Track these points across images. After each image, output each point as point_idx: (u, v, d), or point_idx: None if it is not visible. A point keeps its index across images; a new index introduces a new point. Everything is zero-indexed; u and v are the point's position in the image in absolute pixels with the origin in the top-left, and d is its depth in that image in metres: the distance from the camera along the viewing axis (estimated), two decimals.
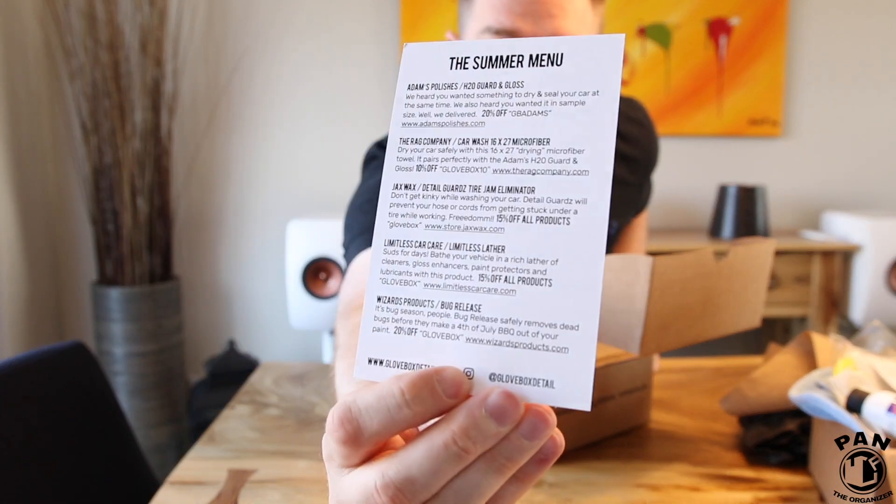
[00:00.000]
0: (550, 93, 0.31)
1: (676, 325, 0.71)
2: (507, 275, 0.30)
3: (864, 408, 0.63)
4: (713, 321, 0.75)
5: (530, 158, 0.31)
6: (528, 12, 0.75)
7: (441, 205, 0.32)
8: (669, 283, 0.68)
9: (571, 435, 0.79)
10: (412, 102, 0.33)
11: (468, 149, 0.32)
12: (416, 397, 0.27)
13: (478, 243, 0.31)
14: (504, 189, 0.31)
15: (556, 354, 0.29)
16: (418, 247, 0.32)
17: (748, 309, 0.79)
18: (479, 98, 0.32)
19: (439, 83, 0.33)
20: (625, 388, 0.83)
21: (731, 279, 0.75)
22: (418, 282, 0.31)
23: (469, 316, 0.30)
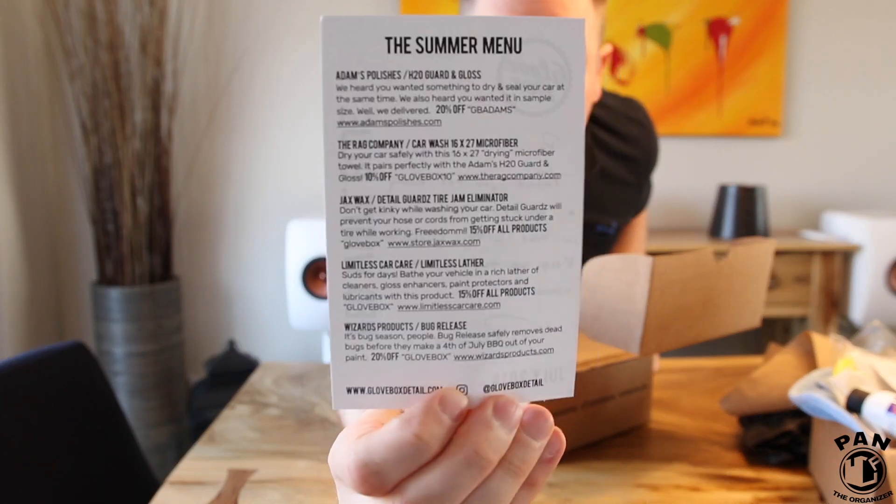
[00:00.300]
0: (512, 86, 0.28)
1: (676, 325, 0.71)
2: (489, 288, 0.29)
3: (864, 408, 0.63)
4: (713, 321, 0.75)
5: (499, 162, 0.28)
6: (530, 11, 0.74)
7: (403, 218, 0.28)
8: (669, 283, 0.68)
9: (571, 435, 0.79)
10: (346, 96, 0.29)
11: (426, 152, 0.28)
12: (429, 434, 0.27)
13: (453, 258, 0.29)
14: (474, 197, 0.28)
15: (543, 356, 0.30)
16: (384, 267, 0.28)
17: (748, 309, 0.79)
18: (430, 90, 0.28)
19: (377, 71, 0.28)
20: (625, 388, 0.83)
21: (731, 279, 0.75)
22: (391, 305, 0.29)
23: (454, 334, 0.29)
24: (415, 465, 0.28)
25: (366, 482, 0.28)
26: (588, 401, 0.79)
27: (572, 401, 0.77)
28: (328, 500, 0.68)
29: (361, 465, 0.28)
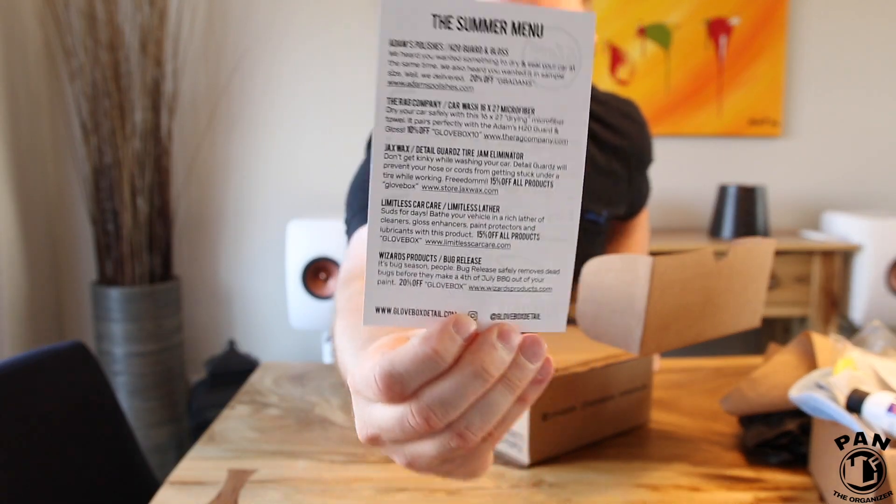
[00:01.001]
0: (532, 63, 0.33)
1: (676, 325, 0.71)
2: (503, 231, 0.34)
3: (864, 408, 0.63)
4: (713, 321, 0.75)
5: (518, 126, 0.34)
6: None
7: (436, 167, 0.34)
8: (669, 284, 0.68)
9: (572, 435, 0.79)
10: (396, 60, 0.33)
11: (459, 113, 0.33)
12: (444, 349, 0.33)
13: (475, 204, 0.34)
14: (496, 154, 0.34)
15: (542, 294, 0.35)
16: (417, 206, 0.34)
17: (748, 309, 0.79)
18: (466, 62, 0.33)
19: (423, 41, 0.32)
20: (625, 388, 0.83)
21: (731, 279, 0.75)
22: (419, 239, 0.34)
23: (470, 268, 0.35)
24: (430, 375, 0.33)
25: (389, 389, 0.33)
26: (588, 401, 0.79)
27: (572, 400, 0.77)
28: (328, 499, 0.68)
29: (387, 375, 0.33)
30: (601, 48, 2.31)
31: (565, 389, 0.77)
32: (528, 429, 0.74)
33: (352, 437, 0.84)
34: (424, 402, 0.33)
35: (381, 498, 0.69)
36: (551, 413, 0.76)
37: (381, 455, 0.78)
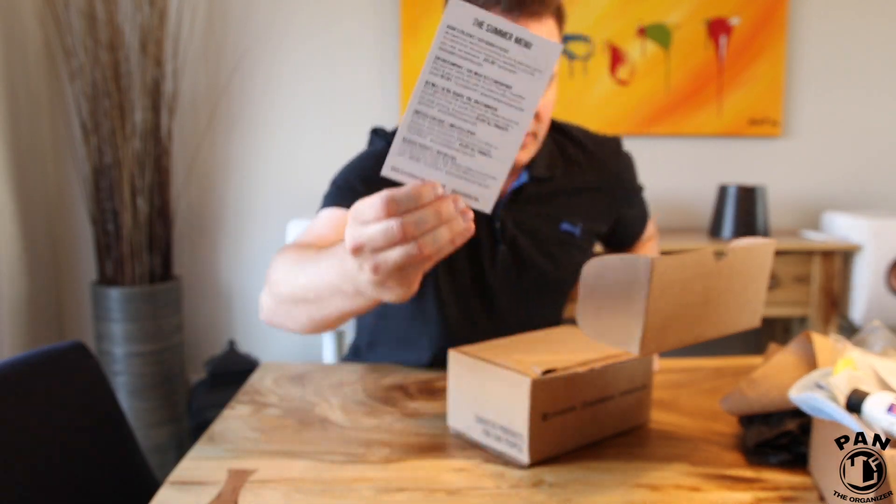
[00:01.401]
0: (519, 61, 0.56)
1: (676, 326, 0.71)
2: (472, 147, 0.58)
3: (864, 408, 0.63)
4: (713, 321, 0.75)
5: (499, 93, 0.57)
6: None
7: (448, 101, 0.56)
8: (669, 284, 0.68)
9: (572, 435, 0.79)
10: (447, 38, 0.54)
11: (470, 76, 0.56)
12: (425, 194, 0.55)
13: (462, 128, 0.57)
14: (482, 105, 0.57)
15: (483, 188, 0.59)
16: (431, 119, 0.57)
17: (748, 309, 0.79)
18: (483, 50, 0.55)
19: (465, 31, 0.54)
20: (625, 388, 0.83)
21: (731, 279, 0.75)
22: (426, 137, 0.57)
23: (449, 162, 0.58)
24: (413, 206, 0.54)
25: (387, 206, 0.54)
26: (588, 401, 0.79)
27: (572, 400, 0.77)
28: (328, 499, 0.68)
29: (389, 198, 0.54)
30: (601, 48, 2.31)
31: (565, 389, 0.77)
32: (528, 429, 0.74)
33: (352, 437, 0.84)
34: (406, 220, 0.54)
35: (381, 498, 0.69)
36: (551, 413, 0.76)
37: (381, 455, 0.78)
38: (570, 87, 2.33)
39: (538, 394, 0.74)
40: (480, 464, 0.76)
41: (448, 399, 0.84)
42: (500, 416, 0.77)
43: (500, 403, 0.77)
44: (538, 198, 1.09)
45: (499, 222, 1.07)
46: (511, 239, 1.08)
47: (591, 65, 2.32)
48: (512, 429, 0.76)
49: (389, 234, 0.54)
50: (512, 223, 1.08)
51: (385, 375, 1.07)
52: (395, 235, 0.54)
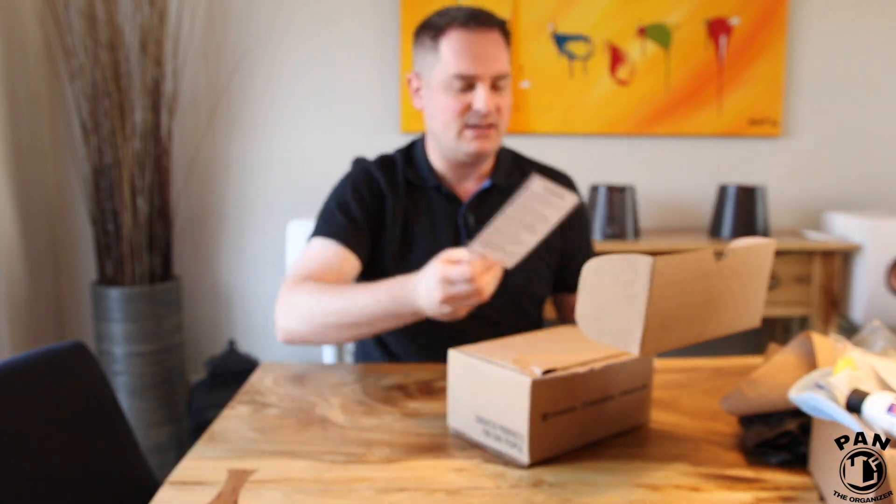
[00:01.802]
0: (552, 205, 0.89)
1: (677, 325, 0.71)
2: (514, 240, 0.90)
3: (864, 408, 0.63)
4: (714, 321, 0.75)
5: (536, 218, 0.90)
6: (479, 58, 1.10)
7: (511, 225, 0.90)
8: (669, 283, 0.68)
9: (572, 435, 0.79)
10: (526, 198, 0.90)
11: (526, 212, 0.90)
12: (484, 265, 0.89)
13: (512, 234, 0.90)
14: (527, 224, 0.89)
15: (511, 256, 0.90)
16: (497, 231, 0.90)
17: (749, 309, 0.79)
18: (540, 200, 0.89)
19: (535, 192, 0.90)
20: (625, 388, 0.83)
21: (730, 279, 0.75)
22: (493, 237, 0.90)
23: (500, 249, 0.89)
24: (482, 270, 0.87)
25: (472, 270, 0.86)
26: (588, 401, 0.79)
27: (573, 401, 0.77)
28: (328, 499, 0.69)
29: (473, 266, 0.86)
30: (601, 48, 2.31)
31: (565, 390, 0.77)
32: (529, 429, 0.74)
33: (352, 437, 0.84)
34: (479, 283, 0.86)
35: (381, 498, 0.69)
36: (551, 413, 0.76)
37: (381, 455, 0.79)
38: (570, 87, 2.33)
39: (538, 394, 0.74)
40: (480, 464, 0.76)
41: (448, 399, 0.84)
42: (500, 417, 0.77)
43: (500, 403, 0.77)
44: (499, 205, 1.18)
45: (462, 219, 1.20)
46: (474, 235, 1.14)
47: (591, 65, 2.32)
48: (512, 429, 0.76)
49: (471, 290, 0.87)
50: (475, 220, 1.20)
51: (385, 375, 1.07)
52: (472, 292, 0.87)
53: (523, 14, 2.29)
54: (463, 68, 1.09)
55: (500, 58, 1.12)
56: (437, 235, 1.19)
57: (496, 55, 1.11)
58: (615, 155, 2.38)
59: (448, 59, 1.10)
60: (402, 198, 1.20)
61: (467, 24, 1.10)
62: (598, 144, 2.38)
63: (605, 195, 2.14)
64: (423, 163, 1.22)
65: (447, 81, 1.11)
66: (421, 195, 1.21)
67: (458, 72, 1.10)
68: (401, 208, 1.19)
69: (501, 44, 1.13)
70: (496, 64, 1.11)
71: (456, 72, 1.10)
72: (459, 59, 1.09)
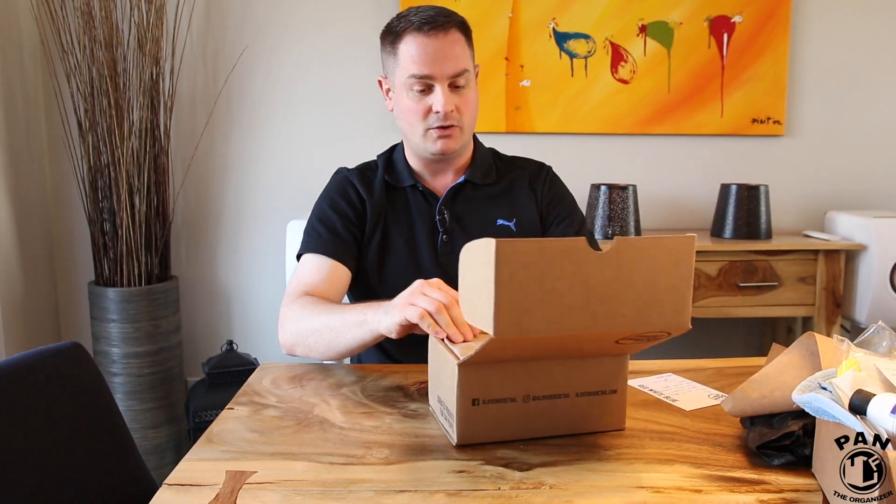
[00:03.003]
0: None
1: (544, 311, 0.70)
2: None
3: (868, 409, 0.62)
4: (606, 313, 0.72)
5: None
6: (435, 60, 1.12)
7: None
8: (522, 266, 0.68)
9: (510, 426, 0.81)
10: None
11: None
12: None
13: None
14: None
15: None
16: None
17: (666, 309, 0.74)
18: None
19: None
20: (582, 388, 0.82)
21: (620, 271, 0.72)
22: None
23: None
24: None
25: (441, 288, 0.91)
26: (532, 395, 0.80)
27: (510, 391, 0.80)
28: (328, 501, 0.68)
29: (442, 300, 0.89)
30: (602, 46, 2.31)
31: (499, 379, 0.79)
32: (457, 410, 0.78)
33: (351, 438, 0.83)
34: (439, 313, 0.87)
35: (380, 499, 0.68)
36: (483, 400, 0.79)
37: (380, 456, 0.78)
38: (571, 85, 2.32)
39: (467, 378, 0.78)
40: (481, 465, 0.76)
41: (428, 380, 0.91)
42: (447, 397, 0.82)
43: (446, 384, 0.82)
44: (474, 199, 1.26)
45: (439, 216, 1.23)
46: (450, 230, 1.23)
47: (592, 63, 2.31)
48: (449, 408, 0.80)
49: (439, 300, 0.88)
50: (450, 216, 1.23)
51: (384, 376, 1.06)
52: (438, 304, 0.87)
53: (524, 12, 2.29)
54: (418, 70, 1.13)
55: (458, 57, 1.14)
56: (414, 232, 1.23)
57: (453, 55, 1.14)
58: (616, 154, 2.37)
59: (405, 63, 1.14)
60: (382, 201, 1.24)
61: (422, 27, 1.13)
62: (599, 143, 2.37)
63: (606, 194, 2.14)
64: (401, 163, 1.26)
65: (407, 84, 1.15)
66: (399, 195, 1.25)
67: (415, 73, 1.13)
68: (380, 211, 1.23)
69: (459, 41, 1.15)
70: (452, 64, 1.14)
71: (412, 73, 1.14)
72: (415, 62, 1.13)
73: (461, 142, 1.20)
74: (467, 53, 1.17)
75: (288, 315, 1.12)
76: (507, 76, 2.31)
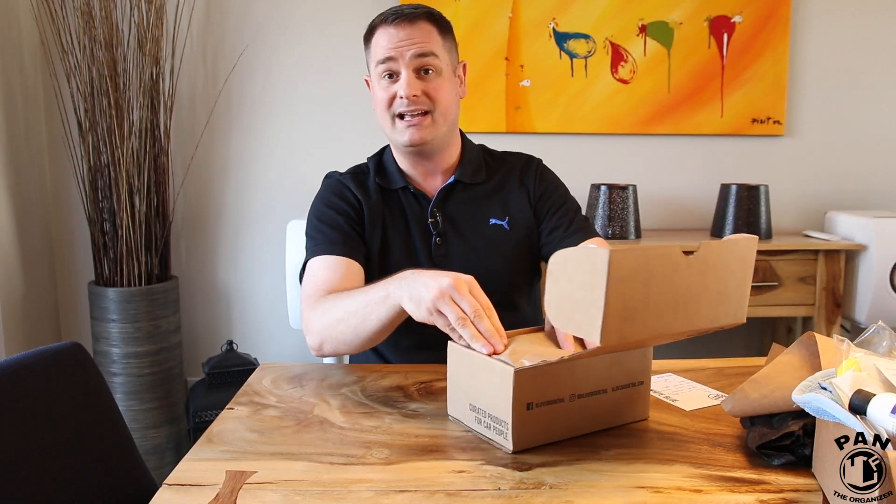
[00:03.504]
0: None
1: (641, 318, 0.72)
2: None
3: (868, 410, 0.62)
4: (688, 316, 0.76)
5: None
6: (400, 45, 1.14)
7: None
8: (630, 275, 0.69)
9: (559, 426, 0.80)
10: None
11: None
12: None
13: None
14: None
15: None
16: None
17: (731, 305, 0.79)
18: None
19: None
20: (618, 383, 0.83)
21: (704, 274, 0.75)
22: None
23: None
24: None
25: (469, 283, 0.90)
26: (577, 393, 0.80)
27: (559, 392, 0.79)
28: (327, 501, 0.68)
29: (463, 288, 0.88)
30: (602, 46, 2.30)
31: (551, 381, 0.78)
32: (512, 417, 0.77)
33: (351, 438, 0.83)
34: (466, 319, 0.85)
35: (380, 499, 0.68)
36: (536, 403, 0.78)
37: (380, 457, 0.78)
38: (571, 85, 2.32)
39: (522, 383, 0.76)
40: (481, 465, 0.76)
41: (448, 388, 0.87)
42: (489, 405, 0.80)
43: (489, 392, 0.80)
44: (466, 199, 1.25)
45: (431, 218, 1.22)
46: (443, 232, 1.22)
47: (592, 63, 2.31)
48: (499, 417, 0.78)
49: (470, 308, 0.85)
50: (442, 217, 1.22)
51: (384, 376, 1.06)
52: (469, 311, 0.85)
53: (524, 12, 2.28)
54: (382, 54, 1.15)
55: (425, 42, 1.14)
56: (410, 235, 1.21)
57: (420, 40, 1.14)
58: (616, 154, 2.37)
59: (375, 52, 1.17)
60: (378, 203, 1.22)
61: (389, 19, 1.16)
62: (599, 143, 2.37)
63: (606, 194, 2.14)
64: (391, 165, 1.25)
65: (377, 73, 1.17)
66: (393, 198, 1.23)
67: (379, 58, 1.15)
68: (378, 214, 1.21)
69: (427, 30, 1.16)
70: (416, 48, 1.14)
71: (378, 59, 1.16)
72: (381, 48, 1.16)
73: (434, 133, 1.17)
74: (437, 42, 1.17)
75: (310, 315, 1.08)
76: (507, 76, 2.31)
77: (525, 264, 1.26)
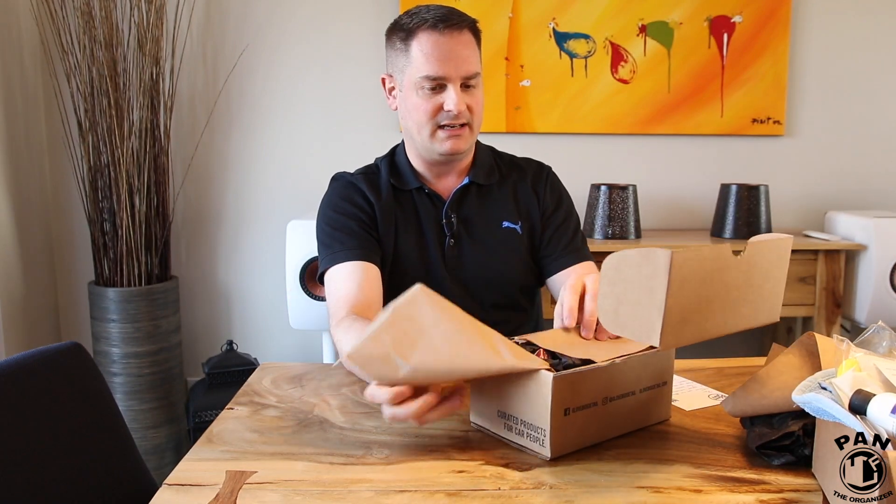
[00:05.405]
0: None
1: (695, 319, 0.72)
2: None
3: (868, 409, 0.62)
4: (733, 315, 0.76)
5: None
6: (450, 59, 1.11)
7: None
8: (689, 276, 0.69)
9: (592, 430, 0.79)
10: None
11: None
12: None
13: None
14: None
15: None
16: None
17: (768, 303, 0.80)
18: None
19: None
20: (645, 384, 0.83)
21: (749, 273, 0.76)
22: None
23: None
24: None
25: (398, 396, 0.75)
26: (609, 397, 0.80)
27: (593, 396, 0.78)
28: (327, 501, 0.68)
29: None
30: (602, 46, 2.30)
31: (587, 385, 0.77)
32: (550, 424, 0.75)
33: (351, 438, 0.83)
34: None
35: (380, 499, 0.68)
36: (573, 408, 0.76)
37: (380, 456, 0.78)
38: (571, 85, 2.32)
39: (560, 389, 0.74)
40: (481, 465, 0.76)
41: (471, 395, 0.85)
42: (523, 412, 0.78)
43: (522, 399, 0.77)
44: (480, 201, 1.25)
45: (445, 219, 1.21)
46: (457, 234, 1.22)
47: (592, 63, 2.31)
48: (535, 423, 0.76)
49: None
50: (457, 219, 1.22)
51: None
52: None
53: (523, 12, 2.28)
54: (433, 70, 1.11)
55: (471, 58, 1.13)
56: (423, 236, 1.21)
57: (466, 56, 1.13)
58: (616, 154, 2.37)
59: (419, 62, 1.12)
60: (391, 204, 1.21)
61: (436, 25, 1.11)
62: (599, 143, 2.37)
63: (606, 194, 2.14)
64: (404, 166, 1.24)
65: (418, 83, 1.12)
66: (406, 198, 1.23)
67: (429, 74, 1.11)
68: (390, 214, 1.21)
69: (471, 43, 1.15)
70: (466, 65, 1.13)
71: (426, 74, 1.11)
72: (430, 61, 1.11)
73: (469, 142, 1.19)
74: (478, 56, 1.16)
75: (335, 334, 1.07)
76: (507, 76, 2.31)
77: (533, 267, 1.26)
